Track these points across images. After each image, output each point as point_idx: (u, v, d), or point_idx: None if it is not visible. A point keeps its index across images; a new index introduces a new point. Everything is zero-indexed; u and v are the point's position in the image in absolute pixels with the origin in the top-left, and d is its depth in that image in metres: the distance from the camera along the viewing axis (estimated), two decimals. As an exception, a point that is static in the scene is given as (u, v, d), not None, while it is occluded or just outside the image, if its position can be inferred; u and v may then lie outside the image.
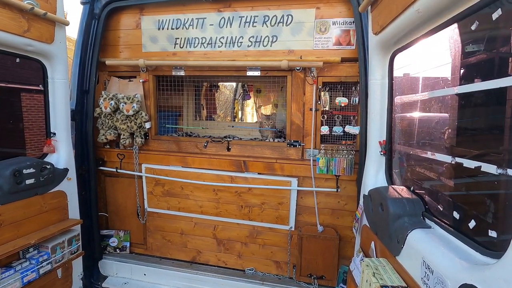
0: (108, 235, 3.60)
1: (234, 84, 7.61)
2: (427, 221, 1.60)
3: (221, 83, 5.92)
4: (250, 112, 8.77)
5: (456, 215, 1.40)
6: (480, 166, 1.18)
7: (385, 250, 1.77)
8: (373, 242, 1.96)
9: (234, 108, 7.93)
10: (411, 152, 1.89)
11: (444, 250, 1.30)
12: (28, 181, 2.47)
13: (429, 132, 1.72)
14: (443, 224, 1.45)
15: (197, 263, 3.42)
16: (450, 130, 1.52)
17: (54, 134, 2.84)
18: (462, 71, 1.42)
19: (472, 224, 1.26)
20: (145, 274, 3.39)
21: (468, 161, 1.26)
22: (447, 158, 1.40)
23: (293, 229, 3.07)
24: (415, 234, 1.51)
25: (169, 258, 3.49)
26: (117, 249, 3.60)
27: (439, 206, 1.56)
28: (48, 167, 2.66)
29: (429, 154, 1.57)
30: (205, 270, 3.30)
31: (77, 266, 3.08)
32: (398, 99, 1.98)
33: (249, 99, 6.20)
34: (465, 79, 1.39)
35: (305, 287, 3.04)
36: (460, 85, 1.41)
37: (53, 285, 2.77)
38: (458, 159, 1.31)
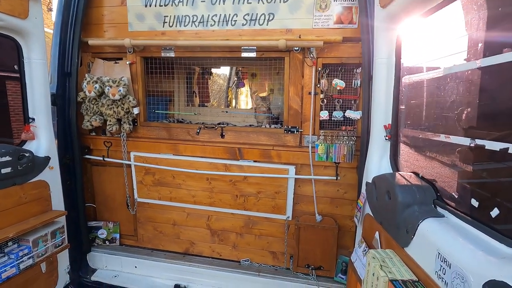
0: (96, 227, 3.43)
1: (227, 73, 7.38)
2: (439, 209, 1.48)
3: (214, 70, 5.69)
4: (244, 100, 8.56)
5: (474, 202, 1.28)
6: (508, 148, 1.05)
7: (391, 241, 1.65)
8: (377, 232, 1.84)
9: (228, 96, 7.72)
10: (421, 136, 1.76)
11: (463, 242, 1.17)
12: (3, 170, 2.27)
13: (442, 113, 1.59)
14: (458, 213, 1.33)
15: (191, 255, 3.29)
16: (469, 110, 1.39)
17: (33, 119, 2.63)
18: (485, 41, 1.26)
19: (495, 212, 1.13)
20: (136, 267, 3.25)
21: (491, 143, 1.13)
22: (465, 141, 1.27)
23: (290, 218, 2.95)
24: (427, 224, 1.38)
25: (161, 250, 3.36)
26: (106, 241, 3.44)
27: (453, 194, 1.43)
28: (27, 155, 2.46)
29: (442, 137, 1.43)
30: (198, 262, 3.18)
31: (63, 260, 2.92)
32: (406, 79, 1.83)
33: (243, 86, 6.00)
34: (490, 50, 1.24)
35: (302, 278, 2.94)
36: (484, 57, 1.26)
37: (36, 280, 2.61)
38: (479, 141, 1.18)
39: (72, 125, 3.01)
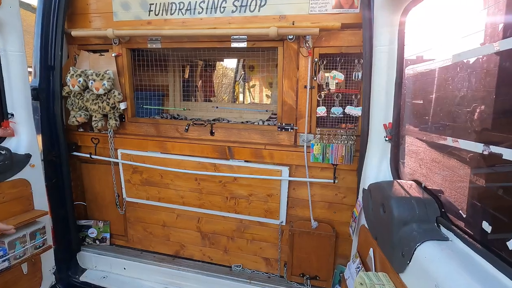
0: (87, 226, 3.33)
1: (234, 65, 7.16)
2: (443, 229, 1.21)
3: (222, 63, 5.49)
4: (249, 95, 8.30)
5: (486, 226, 1.01)
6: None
7: (386, 262, 1.39)
8: (371, 249, 1.58)
9: (235, 91, 7.50)
10: (424, 138, 1.47)
11: (469, 277, 0.91)
12: (-24, 169, 2.16)
13: (450, 111, 1.30)
14: (466, 237, 1.06)
15: (181, 258, 3.13)
16: (482, 108, 1.10)
17: (12, 115, 2.50)
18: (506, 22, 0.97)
19: (512, 244, 0.86)
20: (125, 268, 3.13)
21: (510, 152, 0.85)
22: (476, 147, 0.99)
23: (284, 223, 2.72)
24: (426, 248, 1.12)
25: (151, 252, 3.22)
26: (96, 241, 3.34)
27: (461, 212, 1.16)
28: (3, 152, 2.34)
29: (449, 141, 1.16)
30: (189, 266, 3.02)
31: (48, 260, 2.82)
32: (410, 70, 1.54)
33: (250, 80, 5.76)
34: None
35: (296, 287, 2.72)
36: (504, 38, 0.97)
37: (18, 281, 2.51)
38: (495, 149, 0.91)
39: (57, 120, 2.88)
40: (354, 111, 2.34)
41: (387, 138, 1.76)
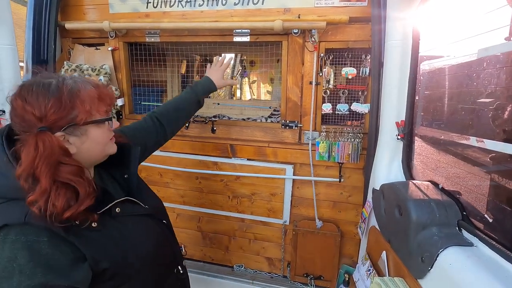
0: (83, 226, 3.23)
1: (232, 60, 7.03)
2: (465, 234, 1.15)
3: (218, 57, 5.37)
4: (249, 91, 8.19)
5: (518, 233, 0.95)
6: None
7: (401, 266, 1.34)
8: (384, 252, 1.53)
9: (232, 87, 7.38)
10: (442, 137, 1.41)
11: (499, 286, 0.85)
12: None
13: (473, 109, 1.24)
14: (493, 242, 1.00)
15: (181, 258, 3.05)
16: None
17: (3, 112, 2.39)
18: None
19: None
20: (123, 269, 3.04)
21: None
22: (506, 148, 0.93)
23: (287, 223, 2.66)
24: (450, 254, 1.06)
25: (150, 252, 3.13)
26: (93, 241, 3.24)
27: (486, 215, 1.10)
28: (-5, 151, 2.22)
29: (472, 141, 1.10)
30: (189, 266, 2.92)
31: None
32: (425, 65, 1.47)
33: (247, 76, 5.67)
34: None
35: (300, 287, 2.67)
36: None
37: None
38: (530, 151, 0.85)
39: (51, 117, 2.76)
40: (361, 108, 2.27)
41: (399, 137, 1.70)
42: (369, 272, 1.64)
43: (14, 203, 0.95)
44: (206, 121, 2.67)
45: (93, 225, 1.02)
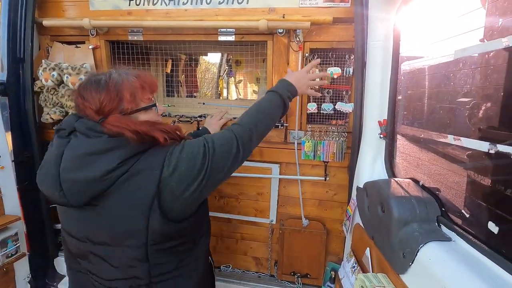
0: (64, 230, 3.13)
1: (218, 60, 7.00)
2: (444, 229, 1.19)
3: (205, 58, 5.33)
4: (235, 90, 8.17)
5: (493, 227, 0.99)
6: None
7: (385, 262, 1.37)
8: (368, 249, 1.56)
9: (219, 86, 7.34)
10: (422, 136, 1.45)
11: (480, 282, 0.88)
12: None
13: (451, 108, 1.28)
14: (470, 237, 1.04)
15: (167, 260, 3.01)
16: (489, 105, 1.08)
17: (-24, 112, 2.28)
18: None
19: (523, 245, 0.85)
20: (107, 273, 2.96)
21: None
22: (482, 146, 0.97)
23: (274, 222, 2.67)
24: (430, 249, 1.10)
25: (135, 255, 3.07)
26: (75, 245, 3.14)
27: (463, 211, 1.14)
28: (-33, 154, 2.13)
29: (450, 139, 1.13)
30: (175, 268, 2.90)
31: (22, 269, 2.64)
32: (406, 65, 1.51)
33: (233, 76, 5.65)
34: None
35: (287, 286, 2.69)
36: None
37: (-12, 293, 2.32)
38: (503, 147, 0.88)
39: (29, 118, 2.66)
40: (345, 107, 2.30)
41: (381, 135, 1.74)
42: (353, 269, 1.67)
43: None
44: (192, 121, 2.64)
45: None
